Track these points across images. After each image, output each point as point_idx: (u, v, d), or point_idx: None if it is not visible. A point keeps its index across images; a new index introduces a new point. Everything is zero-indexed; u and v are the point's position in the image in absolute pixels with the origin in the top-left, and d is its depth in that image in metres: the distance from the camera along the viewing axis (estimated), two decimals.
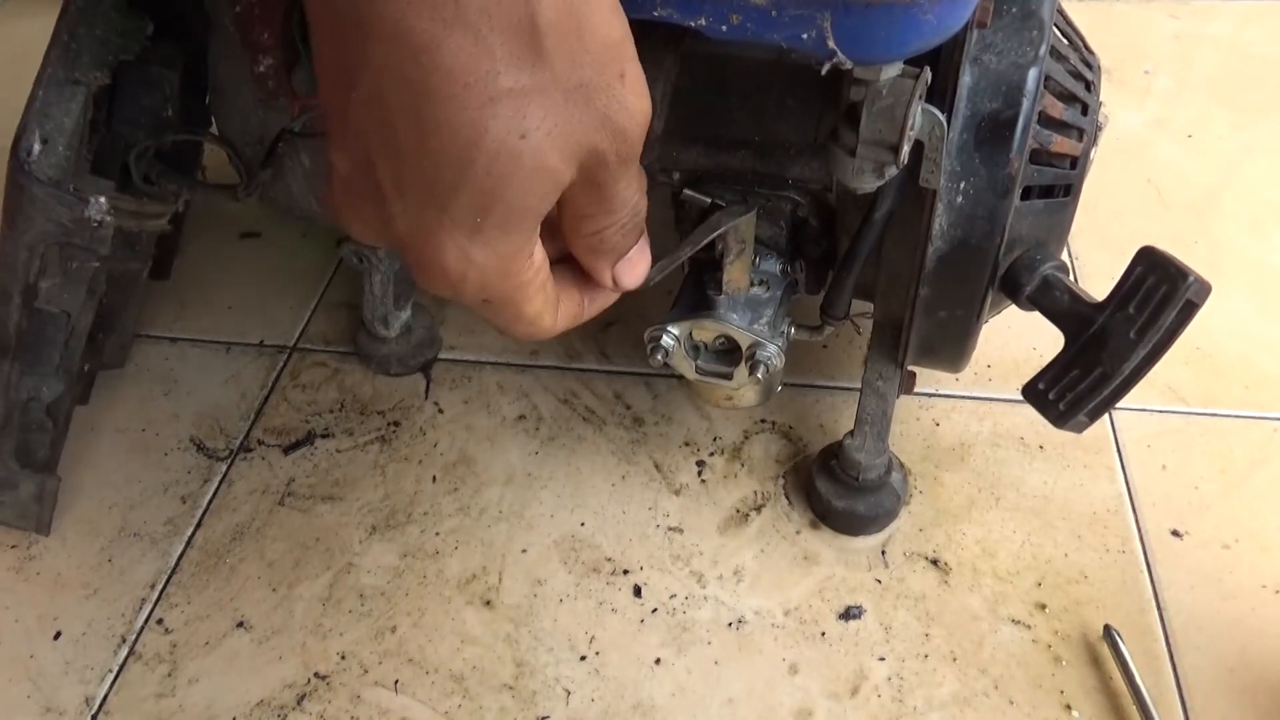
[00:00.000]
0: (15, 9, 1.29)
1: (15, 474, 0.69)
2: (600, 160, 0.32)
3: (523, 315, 0.36)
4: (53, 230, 0.61)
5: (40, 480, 0.70)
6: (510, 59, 0.28)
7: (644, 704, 0.62)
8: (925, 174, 0.52)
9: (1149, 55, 1.12)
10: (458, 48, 0.28)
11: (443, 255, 0.31)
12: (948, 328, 0.61)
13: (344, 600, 0.68)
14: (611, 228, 0.36)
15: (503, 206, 0.30)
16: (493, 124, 0.29)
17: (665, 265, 0.52)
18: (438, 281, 0.33)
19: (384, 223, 0.32)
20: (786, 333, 0.62)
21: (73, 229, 0.62)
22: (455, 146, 0.29)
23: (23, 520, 0.71)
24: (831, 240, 0.63)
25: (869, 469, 0.67)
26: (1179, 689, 0.60)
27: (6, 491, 0.70)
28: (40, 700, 0.64)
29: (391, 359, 0.82)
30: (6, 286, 0.63)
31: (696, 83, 0.60)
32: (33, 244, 0.62)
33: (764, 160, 0.60)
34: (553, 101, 0.29)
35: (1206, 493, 0.71)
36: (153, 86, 0.65)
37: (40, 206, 0.60)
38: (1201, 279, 0.49)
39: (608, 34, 0.31)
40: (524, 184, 0.30)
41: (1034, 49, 0.52)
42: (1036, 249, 0.57)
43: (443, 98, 0.28)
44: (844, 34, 0.42)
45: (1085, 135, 0.57)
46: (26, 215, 0.60)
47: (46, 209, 0.61)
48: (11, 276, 0.63)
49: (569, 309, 0.39)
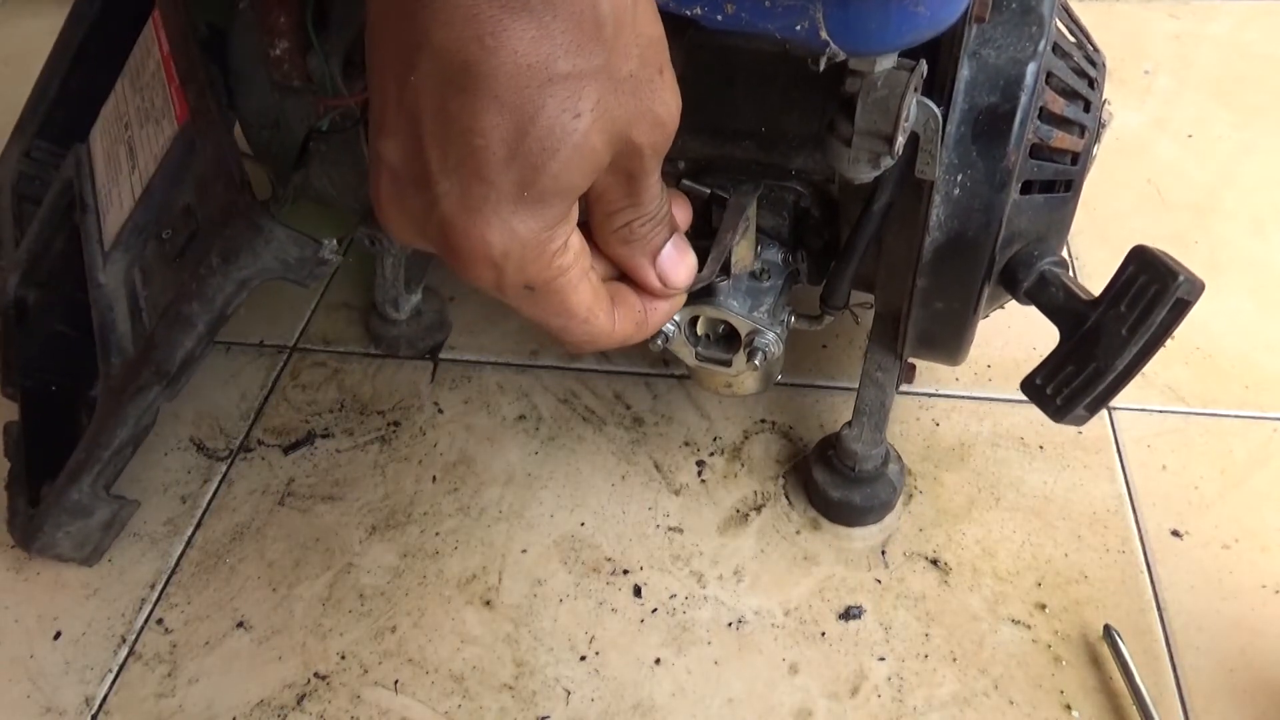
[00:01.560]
0: (15, 9, 1.29)
1: (95, 500, 0.67)
2: (636, 151, 0.34)
3: (570, 307, 0.37)
4: (275, 267, 0.61)
5: (115, 506, 0.68)
6: (569, 45, 0.30)
7: (644, 704, 0.62)
8: (921, 165, 0.53)
9: (1149, 55, 1.12)
10: (522, 31, 0.30)
11: (487, 230, 0.32)
12: (945, 319, 0.61)
13: (344, 600, 0.68)
14: (640, 220, 0.38)
15: (547, 179, 0.32)
16: (550, 102, 0.30)
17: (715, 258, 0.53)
18: (480, 264, 0.33)
19: (428, 208, 0.33)
20: (786, 321, 0.63)
21: (294, 266, 0.61)
22: (511, 122, 0.31)
23: (78, 551, 0.68)
24: (833, 231, 0.64)
25: (866, 459, 0.67)
26: (1179, 689, 0.60)
27: (78, 520, 0.67)
28: (40, 700, 0.64)
29: (401, 341, 0.83)
30: (194, 317, 0.62)
31: (702, 73, 0.60)
32: (247, 279, 0.61)
33: (768, 151, 0.60)
34: (604, 88, 0.31)
35: (1206, 493, 0.71)
36: None
37: (275, 246, 0.60)
38: (1193, 277, 0.50)
39: (653, 30, 0.33)
40: (569, 160, 0.32)
41: (1033, 44, 0.53)
42: (1036, 244, 0.58)
43: (504, 76, 0.30)
44: (836, 25, 0.42)
45: (1087, 131, 0.57)
46: (253, 252, 0.60)
47: (280, 248, 0.60)
48: (207, 309, 0.61)
49: (628, 315, 0.40)
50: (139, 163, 0.68)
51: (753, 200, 0.57)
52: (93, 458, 0.65)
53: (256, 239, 0.60)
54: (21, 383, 0.74)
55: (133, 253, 0.69)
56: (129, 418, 0.64)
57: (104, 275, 0.69)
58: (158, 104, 0.69)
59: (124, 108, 0.73)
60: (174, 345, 0.62)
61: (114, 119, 0.73)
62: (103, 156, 0.73)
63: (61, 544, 0.67)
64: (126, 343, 0.67)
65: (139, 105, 0.71)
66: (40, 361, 0.75)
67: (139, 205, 0.68)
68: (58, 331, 0.75)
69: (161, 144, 0.67)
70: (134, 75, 0.73)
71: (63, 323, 0.75)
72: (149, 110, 0.70)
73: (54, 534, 0.67)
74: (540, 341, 0.84)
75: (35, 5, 1.27)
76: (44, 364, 0.75)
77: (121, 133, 0.72)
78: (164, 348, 0.62)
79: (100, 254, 0.69)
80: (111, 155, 0.72)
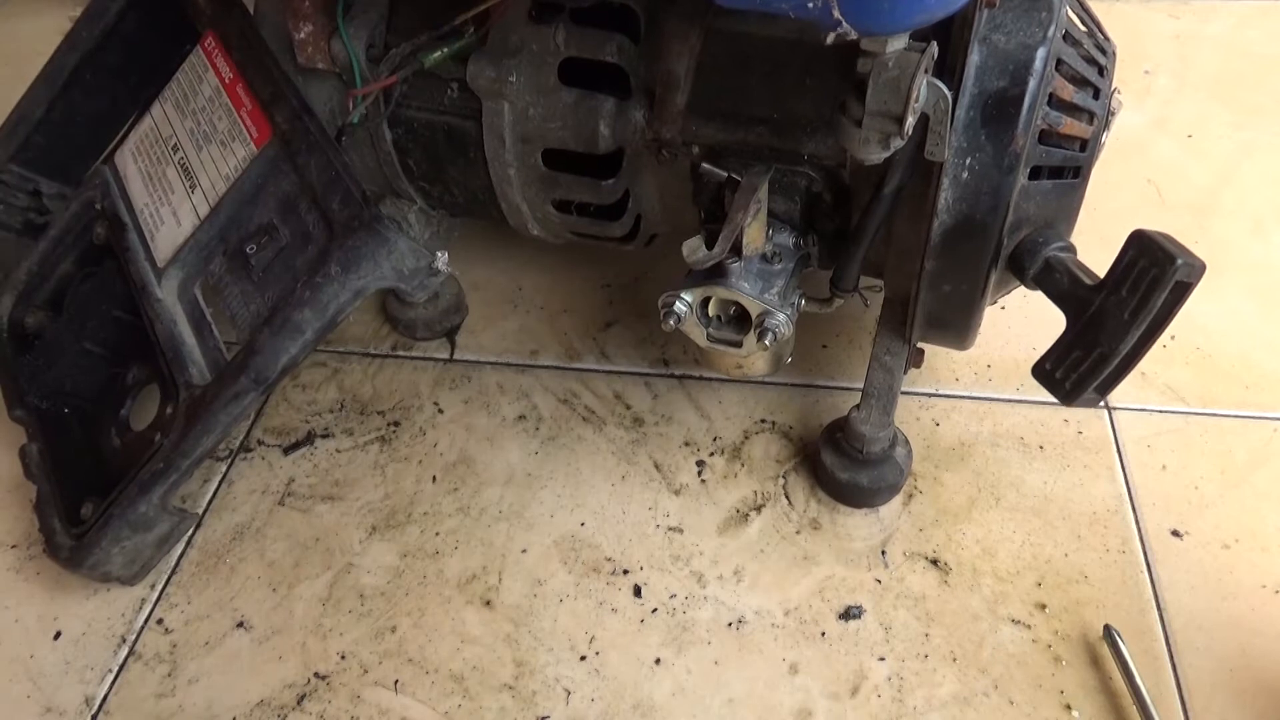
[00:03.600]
0: (15, 9, 1.29)
1: (160, 514, 0.66)
2: None
3: None
4: (391, 276, 0.62)
5: (176, 520, 0.67)
6: None
7: (644, 704, 0.62)
8: (930, 146, 0.53)
9: (1149, 55, 1.12)
10: None
11: None
12: (953, 302, 0.61)
13: (344, 600, 0.68)
14: None
15: None
16: None
17: (726, 238, 0.54)
18: None
19: None
20: (796, 303, 0.64)
21: (408, 276, 0.63)
22: None
23: (127, 568, 0.67)
24: (844, 215, 0.64)
25: (873, 441, 0.67)
26: (1179, 689, 0.60)
27: (139, 533, 0.66)
28: (40, 700, 0.64)
29: (419, 323, 0.84)
30: (304, 324, 0.62)
31: (718, 59, 0.61)
32: (363, 288, 0.62)
33: (780, 136, 0.61)
34: None
35: (1206, 493, 0.71)
36: None
37: (395, 257, 0.62)
38: (1193, 259, 0.50)
39: None
40: None
41: (1043, 30, 0.53)
42: (1043, 230, 0.58)
43: None
44: (850, 4, 0.43)
45: (1096, 119, 0.57)
46: (375, 262, 0.61)
47: (399, 259, 0.62)
48: (319, 316, 0.62)
49: None
50: (200, 183, 0.70)
51: (764, 182, 0.58)
52: (172, 467, 0.64)
53: (380, 249, 0.62)
54: (37, 405, 0.73)
55: (190, 269, 0.69)
56: (218, 425, 0.64)
57: (161, 291, 0.69)
58: (220, 127, 0.70)
59: (168, 130, 0.74)
60: (279, 352, 0.63)
61: (154, 141, 0.75)
62: (140, 177, 0.74)
63: (114, 560, 0.66)
64: (197, 355, 0.67)
65: (191, 128, 0.72)
66: (60, 382, 0.75)
67: (204, 224, 0.69)
68: (84, 350, 0.75)
69: (234, 165, 0.68)
70: (180, 100, 0.74)
71: (91, 341, 0.75)
72: (209, 133, 0.71)
73: (110, 549, 0.65)
74: (540, 341, 0.84)
75: (35, 5, 1.26)
76: (64, 384, 0.75)
77: (168, 154, 0.73)
78: (268, 354, 0.63)
79: (153, 270, 0.70)
80: (155, 176, 0.73)
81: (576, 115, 0.64)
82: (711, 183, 0.61)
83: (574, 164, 0.67)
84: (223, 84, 0.71)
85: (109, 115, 0.79)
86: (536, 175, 0.68)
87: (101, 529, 0.65)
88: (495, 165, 0.68)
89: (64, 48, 0.80)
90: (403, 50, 0.66)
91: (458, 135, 0.69)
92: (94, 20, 0.79)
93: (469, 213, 0.78)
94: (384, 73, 0.67)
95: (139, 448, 0.67)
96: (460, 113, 0.68)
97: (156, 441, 0.65)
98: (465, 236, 0.88)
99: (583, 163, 0.66)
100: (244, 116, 0.69)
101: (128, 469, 0.66)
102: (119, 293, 0.73)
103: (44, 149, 0.81)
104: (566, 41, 0.63)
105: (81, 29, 0.80)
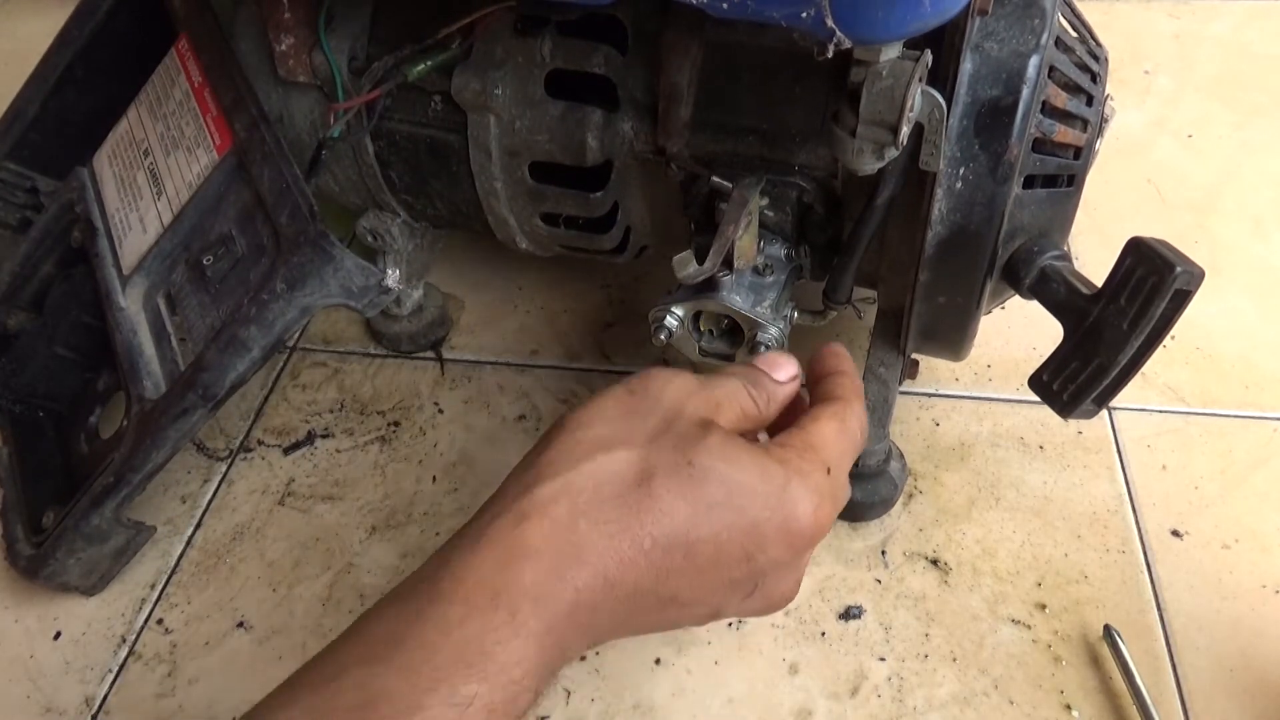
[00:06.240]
0: (15, 9, 1.29)
1: (115, 526, 0.65)
2: None
3: None
4: (338, 294, 0.62)
5: (131, 533, 0.67)
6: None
7: (644, 704, 0.62)
8: (925, 156, 0.53)
9: (1149, 55, 1.12)
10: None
11: None
12: (948, 313, 0.61)
13: (344, 600, 0.68)
14: None
15: None
16: None
17: (717, 251, 0.54)
18: None
19: None
20: (789, 316, 0.63)
21: (357, 294, 0.62)
22: None
23: (85, 579, 0.67)
24: (837, 227, 0.64)
25: (868, 455, 0.67)
26: (1179, 689, 0.60)
27: (93, 546, 0.65)
28: (40, 700, 0.64)
29: (403, 337, 0.83)
30: (250, 341, 0.61)
31: (709, 69, 0.60)
32: (310, 305, 0.61)
33: (771, 147, 0.61)
34: None
35: (1206, 493, 0.71)
36: None
37: (342, 275, 0.61)
38: (1192, 266, 0.49)
39: None
40: None
41: (1035, 38, 0.53)
42: (1038, 239, 0.58)
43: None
44: (842, 13, 0.42)
45: (1090, 126, 0.57)
46: (320, 279, 0.61)
47: (346, 276, 0.61)
48: (265, 333, 0.61)
49: None
50: (166, 190, 0.68)
51: (755, 193, 0.58)
52: (123, 481, 0.64)
53: (326, 266, 0.60)
54: (10, 408, 0.73)
55: (154, 278, 0.68)
56: (167, 441, 0.63)
57: (124, 299, 0.68)
58: (188, 133, 0.69)
59: (140, 134, 0.73)
60: (225, 369, 0.62)
61: (128, 144, 0.73)
62: (114, 181, 0.73)
63: (70, 571, 0.66)
64: (155, 366, 0.66)
65: (162, 133, 0.71)
66: (33, 386, 0.74)
67: (167, 231, 0.68)
68: (56, 355, 0.74)
69: (196, 172, 0.67)
70: (153, 103, 0.73)
71: (63, 346, 0.74)
72: (177, 138, 0.70)
73: (65, 560, 0.65)
74: (540, 341, 0.84)
75: (35, 5, 1.27)
76: (37, 388, 0.74)
77: (139, 159, 0.71)
78: (214, 371, 0.62)
79: (118, 278, 0.69)
80: (126, 180, 0.72)
81: (564, 127, 0.64)
82: (701, 193, 0.61)
83: (561, 177, 0.66)
84: (192, 88, 0.70)
85: (104, 112, 0.79)
86: (524, 189, 0.67)
87: (57, 540, 0.64)
88: (481, 179, 0.68)
89: (56, 45, 0.80)
90: (386, 63, 0.65)
91: (441, 149, 0.68)
92: (84, 18, 0.79)
93: (453, 225, 0.78)
94: (366, 86, 0.66)
95: (103, 456, 0.67)
96: (444, 126, 0.67)
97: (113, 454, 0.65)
98: (465, 236, 0.88)
99: (570, 176, 0.66)
100: (209, 122, 0.67)
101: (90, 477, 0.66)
102: (90, 297, 0.72)
103: (40, 146, 0.81)
104: (553, 53, 0.62)
105: (73, 26, 0.80)
